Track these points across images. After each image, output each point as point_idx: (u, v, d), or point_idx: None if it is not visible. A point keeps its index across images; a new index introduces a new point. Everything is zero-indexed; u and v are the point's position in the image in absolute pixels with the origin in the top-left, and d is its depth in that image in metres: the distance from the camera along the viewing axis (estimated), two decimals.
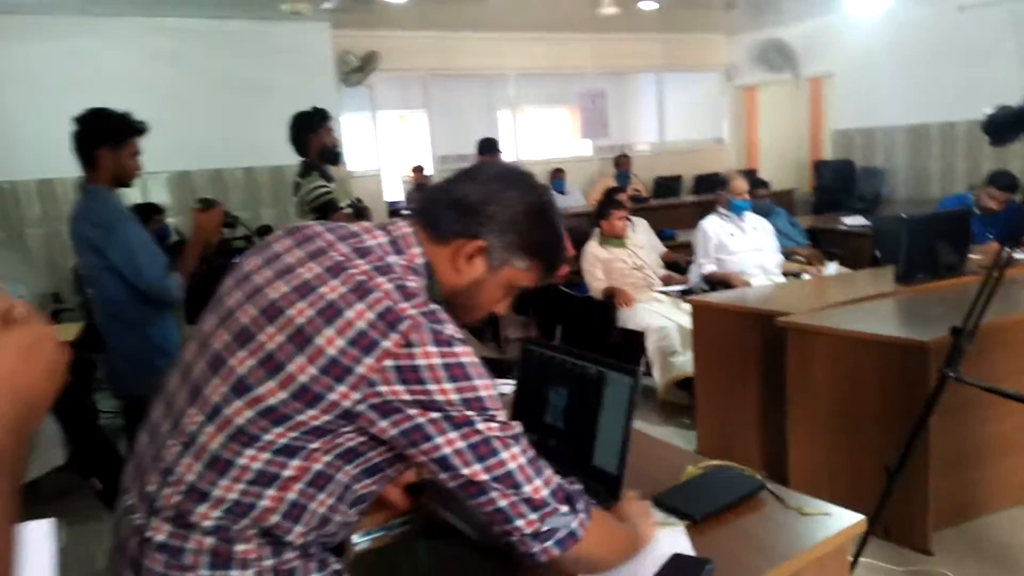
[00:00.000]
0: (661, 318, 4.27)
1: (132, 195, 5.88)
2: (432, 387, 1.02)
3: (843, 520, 1.47)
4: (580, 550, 1.11)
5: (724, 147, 10.34)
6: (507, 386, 2.26)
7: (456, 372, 1.03)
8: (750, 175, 8.62)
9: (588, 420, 1.49)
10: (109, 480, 2.01)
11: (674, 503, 1.50)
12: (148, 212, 4.99)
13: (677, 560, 1.31)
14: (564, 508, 1.10)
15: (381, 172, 8.54)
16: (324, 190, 3.78)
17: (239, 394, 1.05)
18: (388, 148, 8.88)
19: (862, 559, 2.45)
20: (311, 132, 3.85)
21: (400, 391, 1.01)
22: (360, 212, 4.05)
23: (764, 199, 5.65)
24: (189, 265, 2.74)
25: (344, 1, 6.12)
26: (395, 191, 9.29)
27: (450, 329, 1.06)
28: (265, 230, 6.37)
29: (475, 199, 1.18)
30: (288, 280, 1.10)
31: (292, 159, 6.38)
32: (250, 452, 1.03)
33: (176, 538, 1.05)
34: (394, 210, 8.88)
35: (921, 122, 7.70)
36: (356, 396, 1.02)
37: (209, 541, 1.05)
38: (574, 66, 9.20)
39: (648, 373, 4.31)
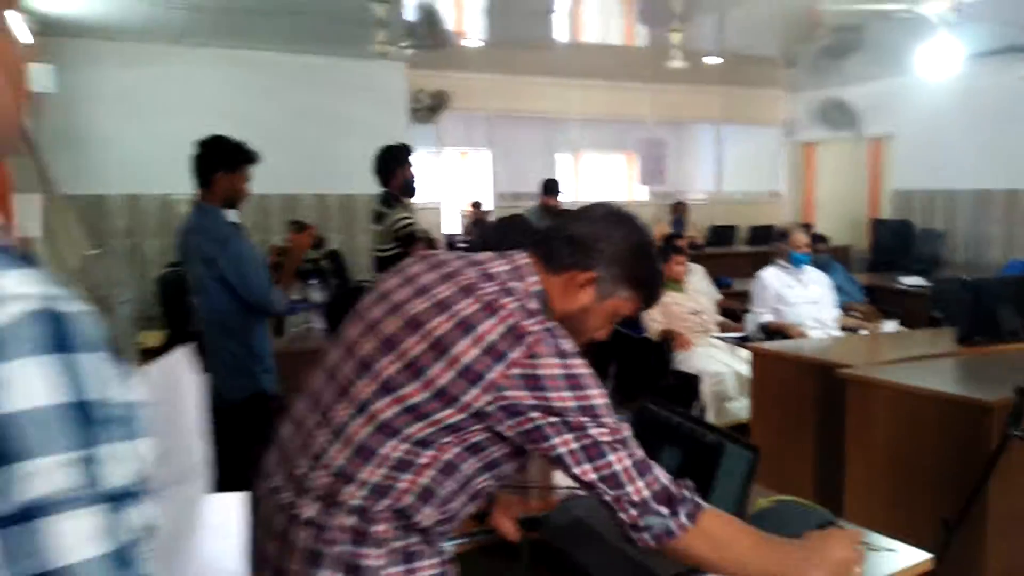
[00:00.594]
0: (717, 363, 4.35)
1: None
2: (552, 394, 1.17)
3: (910, 557, 1.55)
4: (678, 545, 1.22)
5: (780, 200, 10.39)
6: None
7: (573, 382, 1.18)
8: (807, 229, 8.69)
9: (701, 485, 1.58)
10: None
11: None
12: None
13: None
14: (664, 510, 1.21)
15: (441, 205, 8.80)
16: (408, 221, 4.00)
17: (386, 393, 1.20)
18: (449, 183, 9.15)
19: None
20: (398, 165, 4.08)
21: (525, 396, 1.16)
22: (430, 243, 4.26)
23: (823, 253, 5.73)
24: (287, 280, 2.97)
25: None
26: (453, 224, 9.54)
27: (568, 344, 1.21)
28: (333, 254, 6.63)
29: (587, 235, 1.34)
30: (426, 298, 1.26)
31: (362, 188, 6.65)
32: (392, 443, 1.18)
33: (322, 516, 1.20)
34: (451, 242, 9.11)
35: (984, 187, 7.69)
36: (487, 399, 1.16)
37: (351, 520, 1.19)
38: (635, 114, 9.41)
39: (700, 416, 4.38)
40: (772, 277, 4.81)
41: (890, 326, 4.71)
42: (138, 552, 0.55)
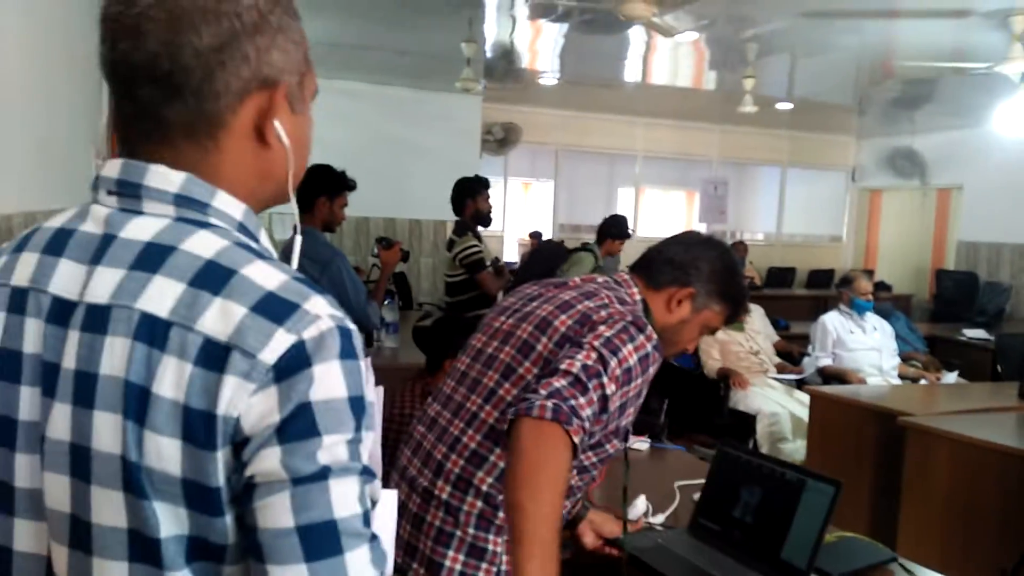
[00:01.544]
0: (774, 404, 4.42)
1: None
2: (595, 349, 1.31)
3: None
4: (518, 424, 1.20)
5: (842, 245, 10.35)
6: None
7: (613, 347, 1.32)
8: (870, 276, 8.65)
9: (783, 519, 1.70)
10: None
11: (818, 562, 1.72)
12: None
13: None
14: (542, 392, 1.23)
15: (504, 234, 9.03)
16: (476, 250, 4.22)
17: (507, 378, 1.41)
18: (512, 212, 9.38)
19: None
20: (472, 196, 4.33)
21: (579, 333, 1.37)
22: (499, 271, 4.46)
23: (885, 301, 5.74)
24: (380, 295, 3.19)
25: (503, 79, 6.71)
26: (512, 252, 9.76)
27: (644, 336, 1.37)
28: (398, 276, 6.89)
29: (684, 257, 1.54)
30: (552, 302, 1.46)
31: (429, 214, 6.89)
32: None
33: (455, 499, 1.37)
34: (512, 270, 9.32)
35: None
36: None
37: (480, 504, 1.36)
38: (700, 153, 9.54)
39: None
40: (834, 321, 4.87)
41: (951, 377, 4.72)
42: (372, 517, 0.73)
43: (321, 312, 0.69)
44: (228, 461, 0.65)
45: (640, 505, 2.01)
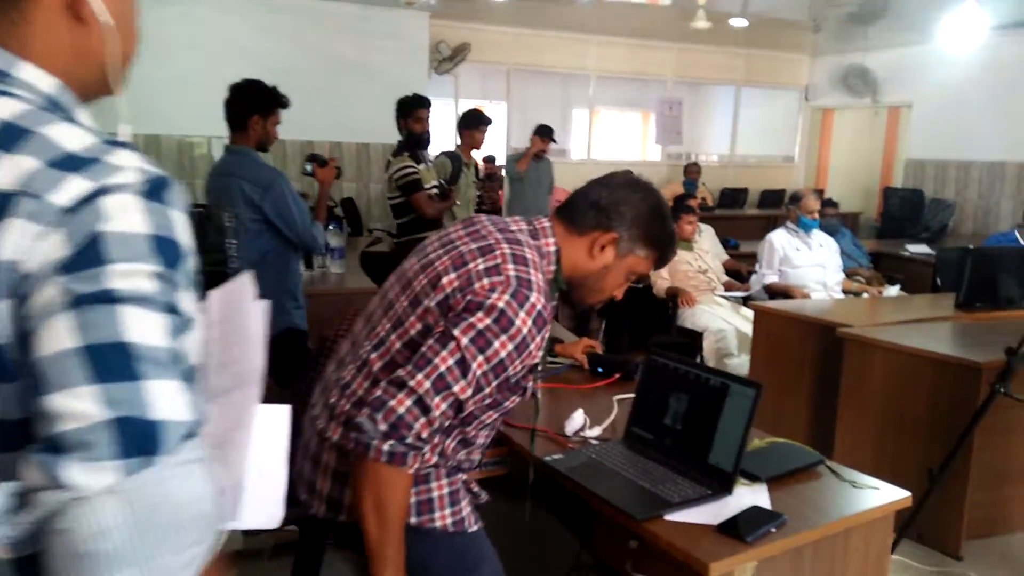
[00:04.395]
0: (720, 321, 4.48)
1: None
2: (474, 316, 1.29)
3: (890, 495, 1.70)
4: (361, 466, 1.28)
5: (794, 165, 10.40)
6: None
7: (482, 344, 1.28)
8: (819, 195, 8.74)
9: (709, 423, 1.71)
10: None
11: (745, 466, 1.74)
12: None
13: (755, 510, 1.56)
14: (383, 428, 1.25)
15: None
16: (410, 171, 4.12)
17: (395, 329, 1.38)
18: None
19: (894, 556, 2.65)
20: (404, 116, 4.21)
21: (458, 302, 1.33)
22: (444, 194, 4.37)
23: (832, 218, 5.80)
24: (323, 215, 3.09)
25: None
26: None
27: (524, 312, 1.30)
28: (347, 202, 6.74)
29: (608, 200, 1.47)
30: (452, 254, 1.40)
31: (378, 137, 6.75)
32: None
33: (345, 440, 1.34)
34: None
35: (998, 159, 7.71)
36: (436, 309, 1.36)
37: None
38: (655, 72, 9.39)
39: None
40: (780, 239, 4.91)
41: (892, 291, 4.82)
42: (190, 366, 0.69)
43: (128, 164, 0.65)
44: (13, 315, 0.61)
45: (577, 419, 2.01)
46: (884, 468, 3.06)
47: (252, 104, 2.96)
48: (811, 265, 4.83)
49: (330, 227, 4.53)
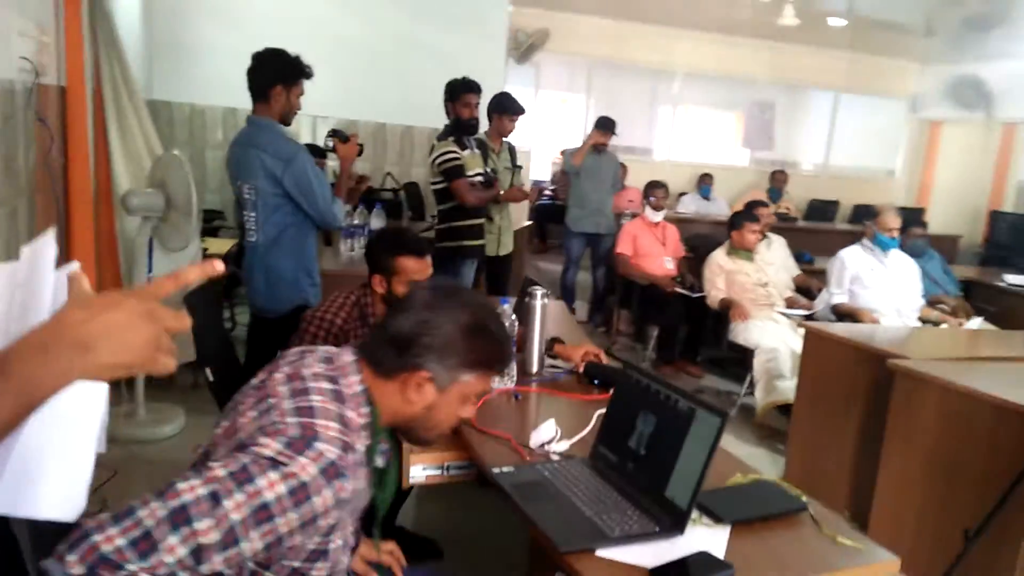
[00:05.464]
0: (775, 338, 4.16)
1: (304, 136, 6.37)
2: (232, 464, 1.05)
3: (875, 556, 1.45)
4: None
5: (894, 180, 9.73)
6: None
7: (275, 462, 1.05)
8: (915, 213, 8.12)
9: (670, 452, 1.51)
10: (220, 377, 2.28)
11: (711, 504, 1.53)
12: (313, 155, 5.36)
13: (701, 557, 1.35)
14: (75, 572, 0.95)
15: (532, 151, 8.70)
16: (453, 156, 3.99)
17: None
18: (544, 128, 9.02)
19: None
20: (452, 100, 4.09)
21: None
22: (489, 183, 4.22)
23: (919, 239, 5.34)
24: (344, 193, 3.02)
25: None
26: (543, 171, 9.45)
27: (318, 446, 1.08)
28: (411, 187, 6.71)
29: (409, 332, 1.24)
30: (245, 407, 1.19)
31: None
32: None
33: None
34: (538, 188, 9.03)
35: None
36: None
37: None
38: (746, 72, 8.95)
39: (751, 391, 4.24)
40: (853, 257, 4.52)
41: (974, 323, 4.36)
42: None
43: None
44: None
45: (545, 431, 1.84)
46: (929, 518, 2.74)
47: (275, 74, 2.89)
48: (885, 287, 4.43)
49: (376, 208, 4.49)
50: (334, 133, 3.17)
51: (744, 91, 9.04)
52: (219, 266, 0.79)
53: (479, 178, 4.15)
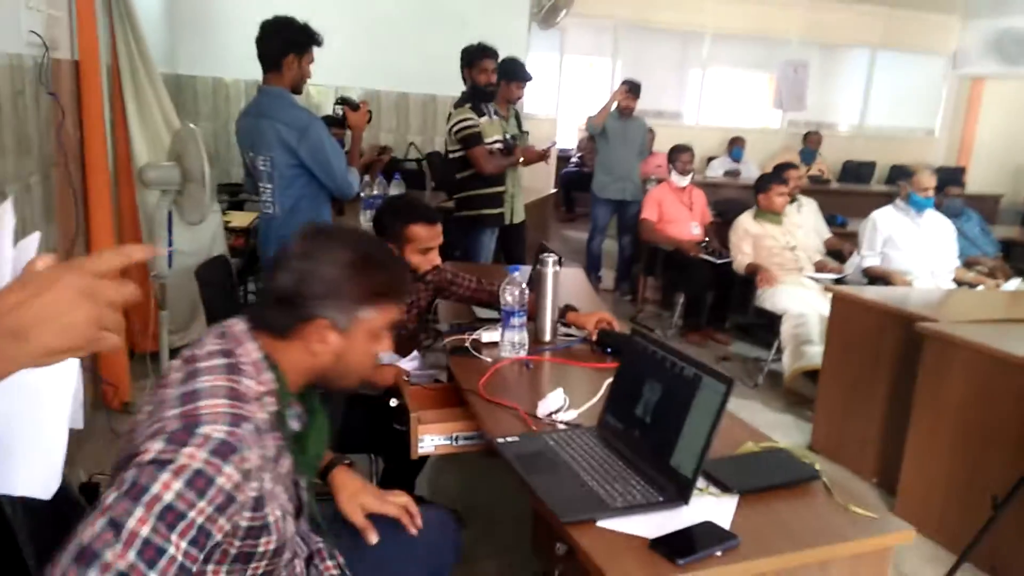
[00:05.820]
0: (803, 303, 4.06)
1: (326, 108, 6.33)
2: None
3: (888, 526, 1.40)
4: None
5: (934, 140, 9.42)
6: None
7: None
8: (954, 173, 7.86)
9: (676, 420, 1.47)
10: None
11: (719, 473, 1.49)
12: (329, 126, 5.32)
13: (706, 527, 1.32)
14: None
15: (558, 118, 8.58)
16: (470, 123, 3.92)
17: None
18: (570, 95, 8.87)
19: None
20: (467, 66, 4.01)
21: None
22: (509, 150, 4.15)
23: (955, 199, 5.17)
24: (356, 160, 2.99)
25: None
26: (569, 138, 9.32)
27: (203, 430, 1.03)
28: (434, 156, 6.66)
29: (292, 285, 1.19)
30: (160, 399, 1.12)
31: None
32: None
33: None
34: (564, 156, 8.92)
35: None
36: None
37: None
38: (778, 31, 8.68)
39: (779, 357, 4.15)
40: (886, 218, 4.39)
41: (1012, 284, 4.21)
42: None
43: None
44: None
45: (552, 400, 1.81)
46: (959, 485, 2.67)
47: (287, 43, 2.86)
48: (919, 249, 4.30)
49: (395, 178, 4.45)
50: (343, 101, 3.13)
51: (776, 51, 8.77)
52: (149, 252, 0.77)
53: (498, 145, 4.09)
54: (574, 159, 9.14)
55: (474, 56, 4.02)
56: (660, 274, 5.43)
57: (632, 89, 5.64)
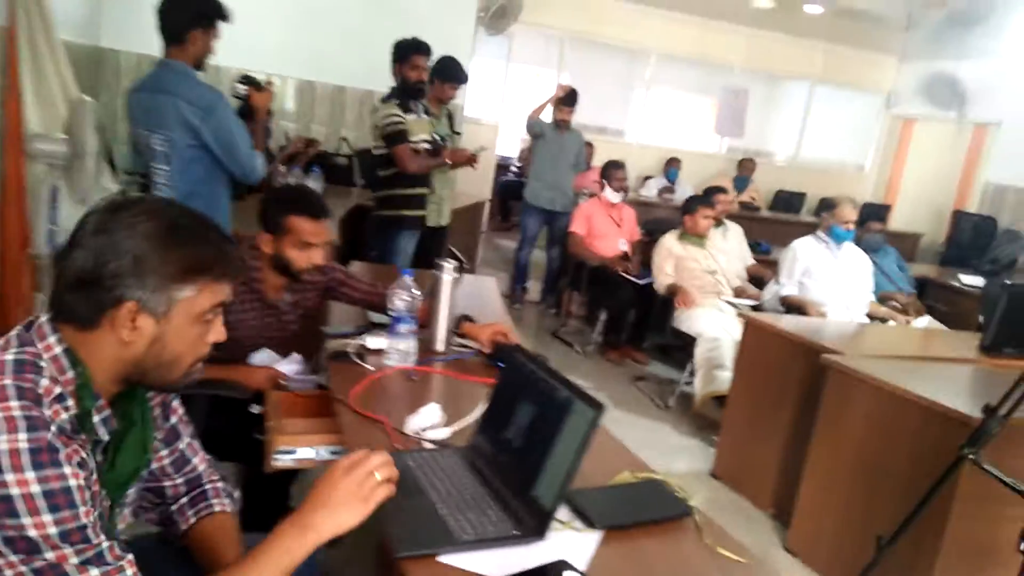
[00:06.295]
0: (718, 327, 4.04)
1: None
2: None
3: (758, 572, 1.32)
4: None
5: (864, 175, 9.66)
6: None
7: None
8: (881, 210, 8.05)
9: (543, 445, 1.37)
10: None
11: (586, 505, 1.39)
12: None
13: (558, 566, 1.21)
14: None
15: (500, 125, 8.49)
16: (396, 119, 3.79)
17: None
18: (514, 103, 8.79)
19: None
20: (398, 62, 3.89)
21: None
22: (436, 151, 4.03)
23: (875, 234, 5.25)
24: (261, 144, 2.82)
25: None
26: (511, 147, 9.24)
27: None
28: (366, 154, 6.48)
29: (90, 266, 1.03)
30: None
31: None
32: None
33: None
34: (503, 164, 8.83)
35: None
36: None
37: None
38: (721, 57, 8.78)
39: (692, 380, 4.12)
40: (805, 248, 4.40)
41: (922, 322, 4.28)
42: None
43: None
44: None
45: (424, 416, 1.69)
46: (851, 520, 2.65)
47: (194, 17, 2.67)
48: (835, 281, 4.32)
49: (313, 170, 4.28)
50: (248, 80, 2.94)
51: (719, 76, 8.88)
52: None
53: (425, 145, 3.96)
54: (514, 168, 9.07)
55: (406, 51, 3.90)
56: (585, 289, 5.37)
57: (569, 97, 5.59)
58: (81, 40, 5.12)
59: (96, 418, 1.07)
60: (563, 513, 1.38)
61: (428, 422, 1.69)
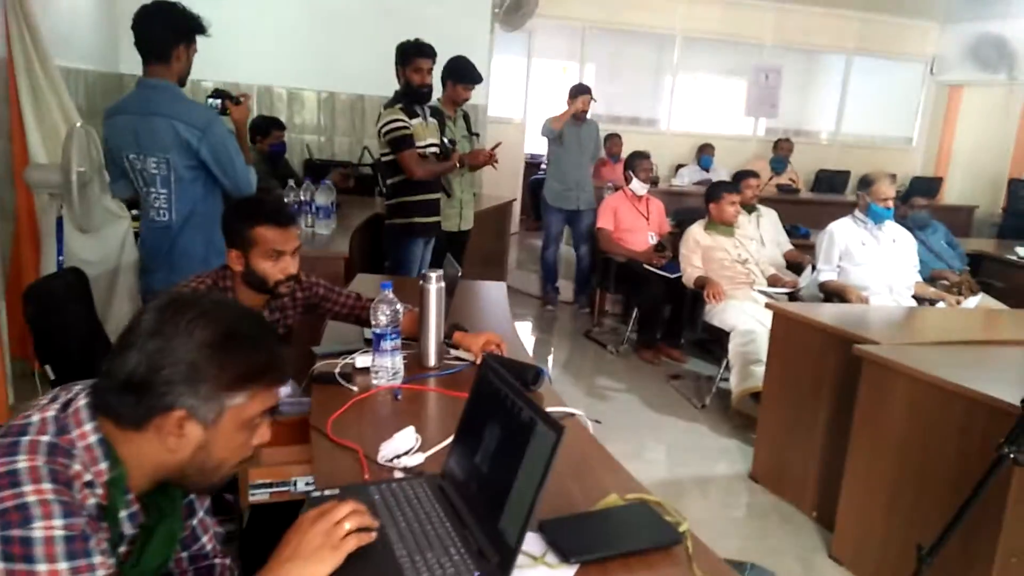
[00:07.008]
0: (752, 320, 3.83)
1: (283, 111, 6.08)
2: None
3: None
4: None
5: (911, 148, 9.22)
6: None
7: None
8: (932, 183, 7.66)
9: (508, 472, 1.23)
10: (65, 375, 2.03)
11: (561, 536, 1.25)
12: (269, 126, 5.08)
13: None
14: None
15: (526, 122, 8.36)
16: (400, 124, 3.69)
17: None
18: (539, 99, 8.64)
19: None
20: (402, 65, 3.79)
21: None
22: (446, 155, 3.93)
23: (921, 210, 4.95)
24: (249, 157, 2.75)
25: None
26: (540, 144, 9.08)
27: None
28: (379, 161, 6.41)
29: (143, 371, 0.98)
30: None
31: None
32: None
33: None
34: (533, 163, 8.68)
35: None
36: None
37: None
38: (751, 35, 8.47)
39: (728, 376, 3.92)
40: (843, 230, 4.16)
41: (973, 301, 3.99)
42: None
43: None
44: None
45: (399, 441, 1.57)
46: (900, 526, 2.43)
47: (178, 32, 2.59)
48: (877, 263, 4.07)
49: (323, 182, 4.20)
50: (220, 94, 2.86)
51: (749, 56, 8.56)
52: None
53: (432, 149, 3.85)
54: (543, 166, 8.91)
55: (408, 53, 3.79)
56: (614, 286, 5.20)
57: (579, 92, 5.45)
58: (101, 68, 5.15)
59: (123, 513, 1.02)
60: (536, 546, 1.24)
61: (403, 447, 1.56)
